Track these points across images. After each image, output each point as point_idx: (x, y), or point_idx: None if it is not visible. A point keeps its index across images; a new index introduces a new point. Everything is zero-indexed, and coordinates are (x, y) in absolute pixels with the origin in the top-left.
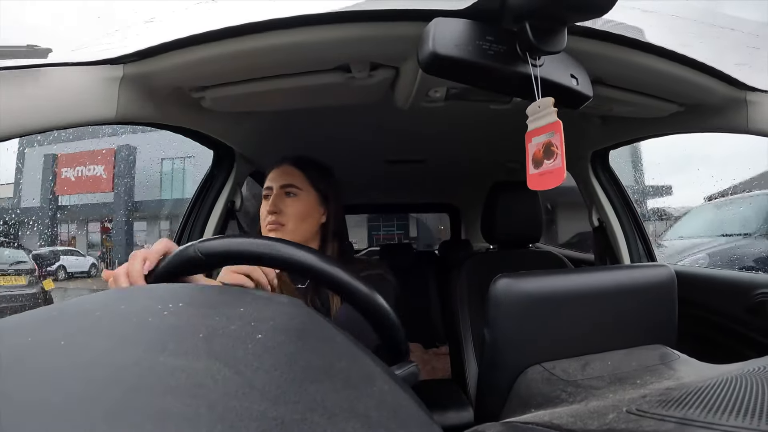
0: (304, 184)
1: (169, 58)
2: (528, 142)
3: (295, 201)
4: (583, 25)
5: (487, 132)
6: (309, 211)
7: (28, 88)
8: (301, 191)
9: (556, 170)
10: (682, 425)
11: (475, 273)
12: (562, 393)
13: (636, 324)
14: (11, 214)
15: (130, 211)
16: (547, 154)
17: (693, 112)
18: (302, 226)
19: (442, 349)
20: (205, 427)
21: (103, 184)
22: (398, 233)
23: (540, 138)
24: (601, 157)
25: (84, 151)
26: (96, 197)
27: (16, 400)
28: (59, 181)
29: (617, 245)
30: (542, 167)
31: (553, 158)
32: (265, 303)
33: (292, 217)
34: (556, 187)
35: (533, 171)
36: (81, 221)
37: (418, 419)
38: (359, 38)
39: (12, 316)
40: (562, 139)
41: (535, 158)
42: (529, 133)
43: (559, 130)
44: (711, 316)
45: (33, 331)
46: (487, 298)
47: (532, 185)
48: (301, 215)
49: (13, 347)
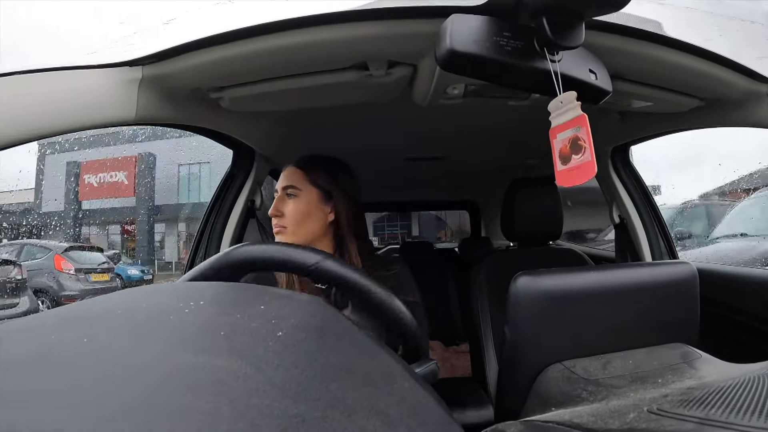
0: (303, 183)
1: (187, 59)
2: (553, 139)
3: (295, 201)
4: (601, 19)
5: (505, 128)
6: (309, 210)
7: (50, 91)
8: (301, 191)
9: (585, 164)
10: (703, 425)
11: (495, 271)
12: (582, 392)
13: (657, 322)
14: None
15: (151, 213)
16: (575, 149)
17: (713, 107)
18: (304, 227)
19: (462, 347)
20: (226, 424)
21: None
22: (401, 232)
23: (565, 133)
24: (621, 153)
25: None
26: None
27: (39, 397)
28: (82, 185)
29: (638, 242)
30: (570, 163)
31: (581, 153)
32: (286, 301)
33: (291, 219)
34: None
35: (561, 167)
36: (102, 222)
37: (437, 417)
38: (376, 36)
39: (36, 315)
40: (589, 132)
41: (562, 154)
42: (553, 130)
43: (585, 124)
44: (734, 315)
45: (56, 329)
46: (507, 295)
47: (561, 182)
48: (301, 215)
49: (37, 345)
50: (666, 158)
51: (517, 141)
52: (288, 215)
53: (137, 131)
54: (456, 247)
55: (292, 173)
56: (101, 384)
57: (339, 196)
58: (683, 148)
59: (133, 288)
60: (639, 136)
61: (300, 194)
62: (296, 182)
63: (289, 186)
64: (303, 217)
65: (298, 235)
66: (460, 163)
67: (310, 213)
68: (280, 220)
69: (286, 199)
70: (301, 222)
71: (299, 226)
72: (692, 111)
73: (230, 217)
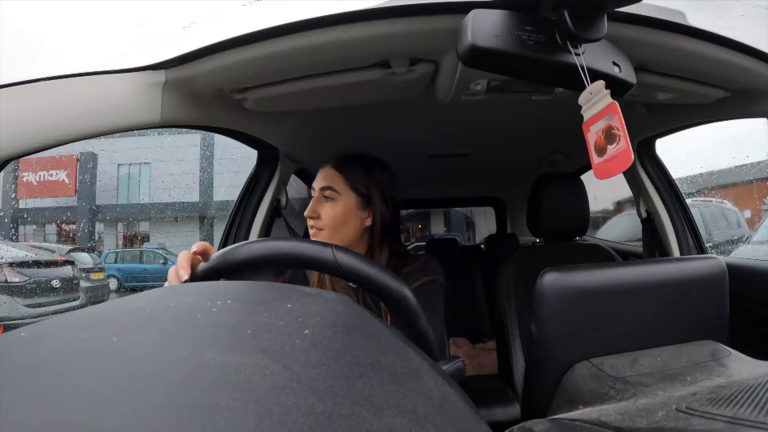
0: (343, 187)
1: (209, 62)
2: (587, 132)
3: (333, 205)
4: (623, 10)
5: (529, 123)
6: (347, 215)
7: (77, 97)
8: (340, 195)
9: (622, 153)
10: (732, 424)
11: (522, 267)
12: (610, 390)
13: (686, 318)
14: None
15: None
16: (609, 138)
17: (740, 97)
18: (340, 232)
19: (488, 345)
20: (253, 421)
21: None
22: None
23: (598, 124)
24: (647, 147)
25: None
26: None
27: (72, 392)
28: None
29: (666, 237)
30: (606, 154)
31: (616, 141)
32: (313, 299)
33: (329, 223)
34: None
35: (598, 160)
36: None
37: (464, 415)
38: (398, 34)
39: (65, 314)
40: (622, 119)
41: (598, 146)
42: (586, 123)
43: (617, 112)
44: (764, 311)
45: (86, 328)
46: (534, 292)
47: (599, 175)
48: (339, 220)
49: (67, 344)
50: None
51: (541, 136)
52: (325, 218)
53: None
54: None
55: (331, 175)
56: (131, 380)
57: (377, 201)
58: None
59: (161, 288)
60: (665, 128)
61: (338, 198)
62: (335, 184)
63: (327, 188)
64: (340, 223)
65: (334, 240)
66: (484, 159)
67: (348, 219)
68: (316, 222)
69: (323, 200)
70: (338, 227)
71: (335, 231)
72: (718, 102)
73: (256, 217)
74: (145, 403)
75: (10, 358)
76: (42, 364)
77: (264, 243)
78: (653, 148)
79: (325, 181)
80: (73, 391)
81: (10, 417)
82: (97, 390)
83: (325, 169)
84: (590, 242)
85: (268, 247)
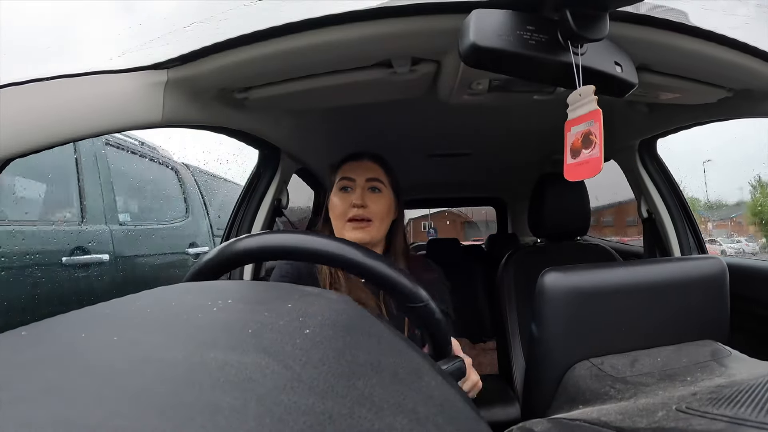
0: (386, 181)
1: (211, 61)
2: (567, 131)
3: (380, 197)
4: (625, 10)
5: (531, 123)
6: (389, 209)
7: (79, 96)
8: (385, 188)
9: (593, 160)
10: (732, 424)
11: (522, 267)
12: (610, 389)
13: (687, 319)
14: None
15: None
16: (586, 143)
17: (742, 97)
18: (384, 224)
19: (488, 344)
20: (253, 420)
21: None
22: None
23: (579, 127)
24: (648, 146)
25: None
26: None
27: (70, 394)
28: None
29: (667, 237)
30: (580, 157)
31: (591, 147)
32: (314, 299)
33: (378, 214)
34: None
35: (571, 161)
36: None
37: (465, 414)
38: (400, 33)
39: (66, 313)
40: (601, 128)
41: (574, 148)
42: (569, 122)
43: (599, 119)
44: (765, 311)
45: (86, 327)
46: (535, 292)
47: (568, 175)
48: (384, 213)
49: (68, 343)
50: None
51: (543, 136)
52: (373, 210)
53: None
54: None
55: (374, 168)
56: (131, 379)
57: (400, 198)
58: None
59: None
60: (666, 128)
61: (384, 191)
62: (381, 177)
63: (375, 179)
64: (385, 215)
65: (381, 232)
66: (486, 159)
67: (389, 213)
68: (364, 212)
69: (369, 192)
70: (384, 219)
71: (382, 223)
72: (720, 102)
73: (257, 216)
74: (145, 402)
75: (10, 358)
76: (43, 363)
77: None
78: (654, 148)
79: (371, 172)
80: (74, 391)
81: (10, 416)
82: (98, 389)
83: (362, 161)
84: (591, 242)
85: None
